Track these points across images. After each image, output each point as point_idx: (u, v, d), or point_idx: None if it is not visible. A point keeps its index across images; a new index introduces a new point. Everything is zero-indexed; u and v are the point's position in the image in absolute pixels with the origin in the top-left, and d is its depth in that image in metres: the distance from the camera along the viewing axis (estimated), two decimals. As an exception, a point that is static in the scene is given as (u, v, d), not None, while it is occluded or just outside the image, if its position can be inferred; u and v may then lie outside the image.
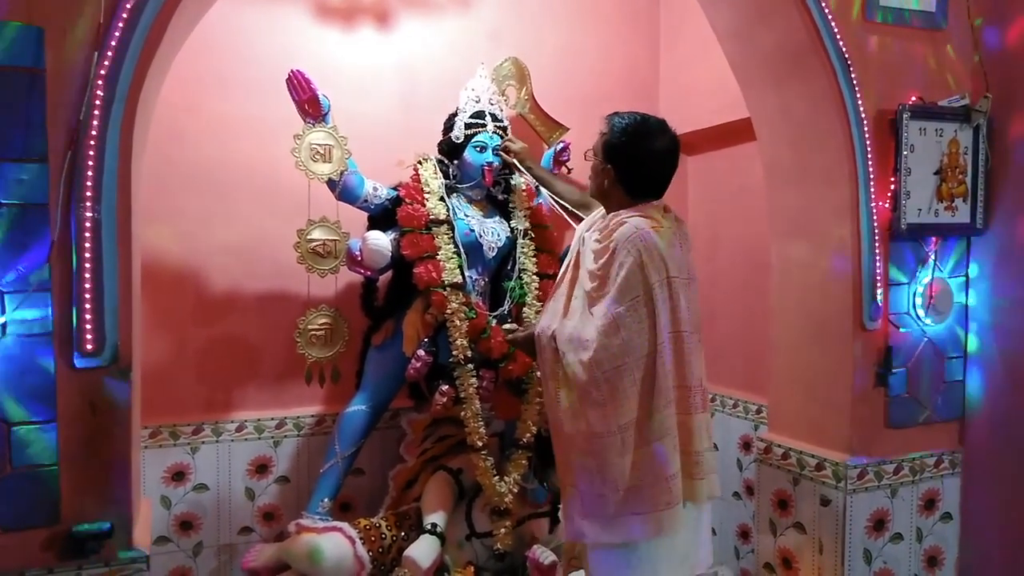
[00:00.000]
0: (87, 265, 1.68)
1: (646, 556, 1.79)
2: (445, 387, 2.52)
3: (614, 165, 1.93)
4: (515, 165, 2.67)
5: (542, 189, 2.68)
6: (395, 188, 2.64)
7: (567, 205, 2.56)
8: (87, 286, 1.68)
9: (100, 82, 1.68)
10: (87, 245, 1.68)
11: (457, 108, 2.72)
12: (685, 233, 1.97)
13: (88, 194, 1.67)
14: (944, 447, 2.56)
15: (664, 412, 1.77)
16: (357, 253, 2.50)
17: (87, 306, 1.68)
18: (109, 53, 1.68)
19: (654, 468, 1.76)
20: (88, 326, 1.68)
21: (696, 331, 1.89)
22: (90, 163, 1.67)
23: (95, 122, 1.67)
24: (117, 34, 1.68)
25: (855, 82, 2.34)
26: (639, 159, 1.92)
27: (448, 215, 2.60)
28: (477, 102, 2.72)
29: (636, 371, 1.77)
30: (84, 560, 1.71)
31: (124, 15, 1.69)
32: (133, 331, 1.80)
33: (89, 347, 1.69)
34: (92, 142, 1.67)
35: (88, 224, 1.68)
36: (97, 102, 1.67)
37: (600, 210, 2.08)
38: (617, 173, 1.93)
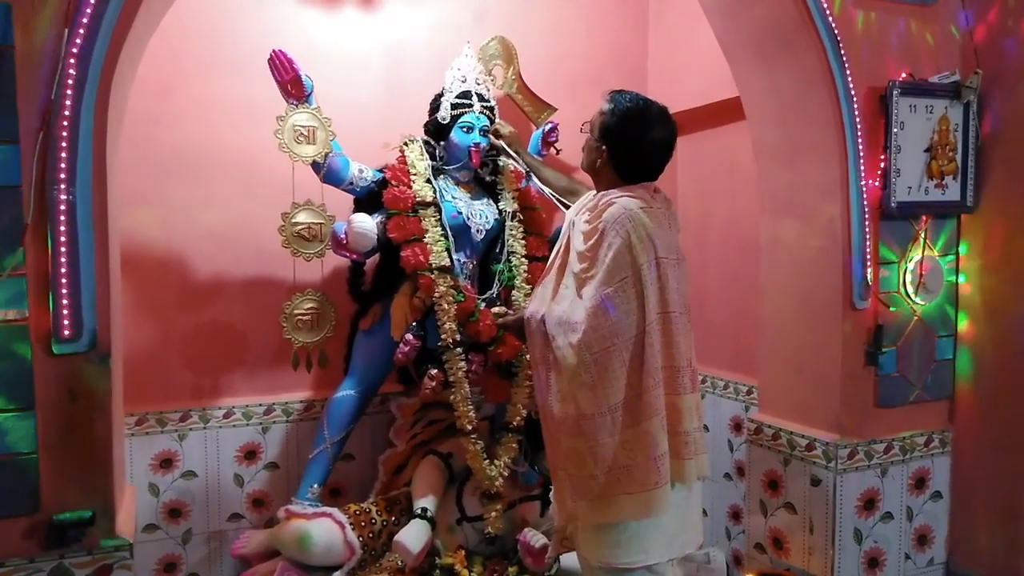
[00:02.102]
0: (63, 248, 1.64)
1: (636, 536, 1.79)
2: (434, 371, 2.50)
3: (608, 147, 1.91)
4: (504, 149, 2.63)
5: (532, 176, 2.65)
6: (381, 170, 2.60)
7: (555, 193, 2.53)
8: (63, 270, 1.64)
9: (72, 60, 1.63)
10: (62, 228, 1.64)
11: (443, 88, 2.68)
12: (673, 214, 1.95)
13: (62, 176, 1.63)
14: (934, 426, 2.56)
15: (652, 392, 1.76)
16: (343, 236, 2.47)
17: (63, 291, 1.64)
18: (80, 31, 1.64)
19: (643, 448, 1.75)
20: (65, 311, 1.65)
21: (685, 311, 1.88)
22: (64, 144, 1.63)
23: (68, 101, 1.63)
24: (88, 11, 1.64)
25: (844, 58, 2.32)
26: (634, 145, 1.89)
27: (435, 197, 2.57)
28: (463, 82, 2.68)
29: (625, 352, 1.76)
30: (66, 549, 1.68)
31: (95, -9, 1.65)
32: (112, 316, 1.77)
33: (66, 332, 1.65)
34: (65, 122, 1.63)
35: (63, 207, 1.64)
36: (69, 81, 1.63)
37: (589, 193, 2.05)
38: (610, 155, 1.91)
